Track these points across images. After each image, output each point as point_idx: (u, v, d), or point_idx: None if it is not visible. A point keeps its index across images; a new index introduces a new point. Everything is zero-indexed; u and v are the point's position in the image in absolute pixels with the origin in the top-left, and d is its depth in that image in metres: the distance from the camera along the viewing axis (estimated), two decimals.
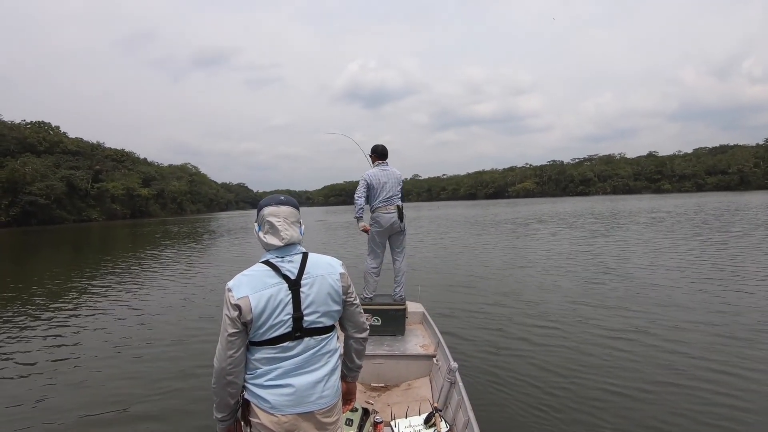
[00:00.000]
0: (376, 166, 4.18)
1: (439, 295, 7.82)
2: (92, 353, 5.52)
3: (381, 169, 4.13)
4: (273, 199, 1.62)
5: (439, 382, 3.16)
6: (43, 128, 65.78)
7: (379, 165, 4.17)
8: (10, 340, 6.14)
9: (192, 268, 12.85)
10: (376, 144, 4.26)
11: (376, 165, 4.18)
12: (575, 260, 11.30)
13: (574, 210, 39.31)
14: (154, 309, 7.80)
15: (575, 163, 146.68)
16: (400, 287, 4.21)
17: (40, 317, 7.39)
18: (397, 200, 4.15)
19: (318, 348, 1.54)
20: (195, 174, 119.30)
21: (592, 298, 7.21)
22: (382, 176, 4.09)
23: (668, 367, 4.37)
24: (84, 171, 62.92)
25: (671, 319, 5.94)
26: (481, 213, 42.12)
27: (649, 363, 4.46)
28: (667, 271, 9.32)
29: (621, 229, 19.18)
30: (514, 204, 70.09)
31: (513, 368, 4.38)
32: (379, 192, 4.08)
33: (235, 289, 1.46)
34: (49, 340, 6.14)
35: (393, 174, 4.16)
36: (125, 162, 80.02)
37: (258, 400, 1.48)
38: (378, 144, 4.25)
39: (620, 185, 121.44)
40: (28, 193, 51.38)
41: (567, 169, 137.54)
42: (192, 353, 5.32)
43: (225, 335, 1.45)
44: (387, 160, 4.25)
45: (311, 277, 1.54)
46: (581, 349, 4.92)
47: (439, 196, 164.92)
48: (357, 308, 1.70)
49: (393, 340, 3.95)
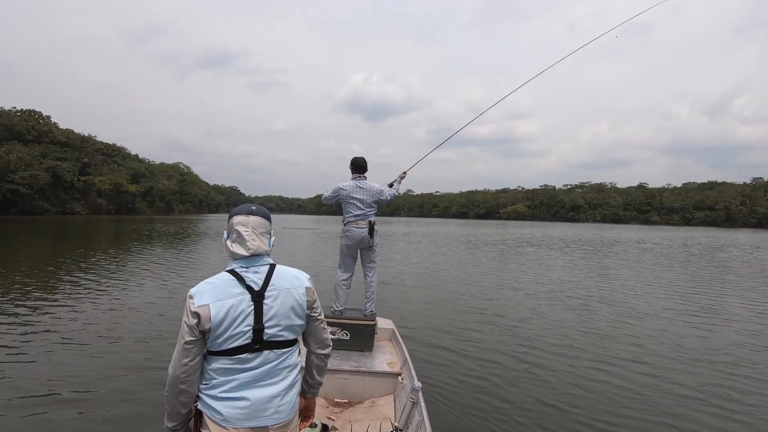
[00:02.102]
0: (353, 179, 4.16)
1: (413, 312, 7.69)
2: (40, 343, 5.43)
3: (356, 184, 4.11)
4: (244, 209, 1.59)
5: (403, 402, 3.07)
6: (33, 117, 64.52)
7: (356, 178, 4.16)
8: None
9: (166, 269, 12.26)
10: (356, 156, 4.21)
11: (354, 178, 4.17)
12: (559, 286, 11.12)
13: (564, 235, 39.26)
14: (120, 306, 7.60)
15: (567, 189, 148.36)
16: (370, 302, 4.18)
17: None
18: (370, 215, 4.12)
19: (277, 362, 1.49)
20: (187, 174, 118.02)
21: (571, 327, 7.06)
22: (356, 191, 4.08)
23: (639, 399, 4.33)
24: (71, 163, 61.65)
25: (649, 351, 5.91)
26: (472, 232, 41.87)
27: (622, 393, 4.46)
28: (648, 302, 9.25)
29: (609, 258, 18.98)
30: (505, 225, 70.24)
31: (479, 393, 4.30)
32: (350, 205, 4.09)
33: (197, 297, 1.42)
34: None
35: (370, 188, 4.12)
36: (115, 157, 78.85)
37: (211, 411, 1.43)
38: (358, 156, 4.21)
39: (610, 214, 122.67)
40: (10, 181, 50.00)
41: (558, 194, 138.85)
42: (151, 355, 5.14)
43: (182, 342, 1.41)
44: (366, 173, 4.21)
45: (276, 290, 1.51)
46: (551, 379, 4.76)
47: (430, 212, 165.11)
48: (321, 324, 1.66)
49: (360, 355, 3.89)
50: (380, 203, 4.22)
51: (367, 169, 4.22)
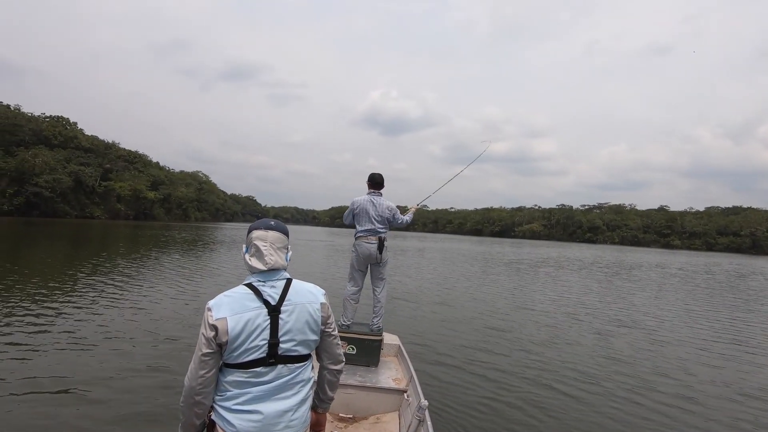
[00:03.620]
0: (369, 194, 4.21)
1: (421, 329, 7.61)
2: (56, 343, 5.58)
3: (370, 199, 4.15)
4: (262, 223, 1.64)
5: (408, 419, 3.04)
6: (60, 123, 66.46)
7: (371, 193, 4.20)
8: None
9: (182, 275, 12.22)
10: (374, 172, 4.27)
11: (369, 193, 4.21)
12: (577, 309, 10.74)
13: (582, 256, 38.21)
14: (135, 310, 7.74)
15: (585, 209, 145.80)
16: (378, 318, 4.19)
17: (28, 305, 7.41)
18: (381, 232, 4.13)
19: (291, 376, 1.52)
20: (205, 182, 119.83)
21: (588, 351, 6.91)
22: (368, 206, 4.12)
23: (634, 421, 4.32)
24: (94, 168, 63.08)
25: (672, 380, 5.74)
26: (486, 250, 41.08)
27: (640, 422, 4.43)
28: (672, 329, 8.86)
29: (630, 282, 18.19)
30: (520, 244, 68.98)
31: (486, 415, 4.26)
32: (363, 220, 4.11)
33: (215, 310, 1.46)
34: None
35: (383, 205, 4.15)
36: (137, 163, 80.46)
37: (224, 423, 1.46)
38: (375, 173, 4.26)
39: (629, 236, 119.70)
40: (34, 184, 51.28)
41: (576, 214, 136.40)
42: (162, 359, 5.22)
43: (199, 354, 1.44)
44: (381, 190, 4.25)
45: (291, 305, 1.53)
46: (565, 405, 4.68)
47: (444, 228, 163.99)
48: (335, 339, 1.67)
49: (366, 371, 3.88)
50: (392, 224, 4.23)
51: (383, 186, 4.26)
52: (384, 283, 4.30)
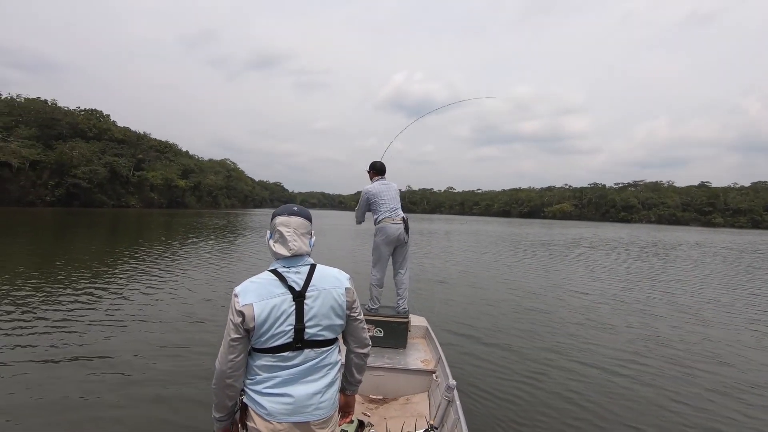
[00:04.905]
0: (375, 181, 4.23)
1: (449, 311, 7.50)
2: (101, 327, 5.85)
3: (381, 184, 4.19)
4: (286, 209, 1.65)
5: (437, 400, 3.06)
6: (95, 116, 68.68)
7: (378, 180, 4.24)
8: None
9: (216, 258, 12.58)
10: (374, 161, 4.30)
11: (375, 180, 4.24)
12: (611, 289, 10.23)
13: (617, 236, 36.72)
14: (175, 291, 8.11)
15: (618, 187, 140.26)
16: (403, 300, 4.19)
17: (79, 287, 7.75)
18: (400, 212, 4.14)
19: (318, 360, 1.55)
20: (233, 170, 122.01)
21: (625, 332, 6.62)
22: (383, 189, 4.14)
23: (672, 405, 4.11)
24: (127, 159, 65.11)
25: (721, 368, 5.29)
26: (515, 231, 40.08)
27: (670, 403, 4.27)
28: (714, 311, 8.20)
29: (669, 261, 17.17)
30: (550, 225, 67.12)
31: (515, 395, 4.21)
32: (382, 203, 4.10)
33: (242, 296, 1.49)
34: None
35: (392, 187, 4.21)
36: (167, 153, 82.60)
37: (256, 405, 1.50)
38: (376, 160, 4.30)
39: (666, 215, 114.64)
40: (73, 176, 53.48)
41: (609, 193, 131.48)
42: (202, 344, 5.33)
43: (228, 339, 1.48)
44: (385, 175, 4.30)
45: (316, 290, 1.55)
46: (602, 385, 4.59)
47: (471, 210, 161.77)
48: (360, 323, 1.69)
49: (394, 353, 3.90)
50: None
51: (385, 171, 4.30)
52: (408, 265, 4.29)
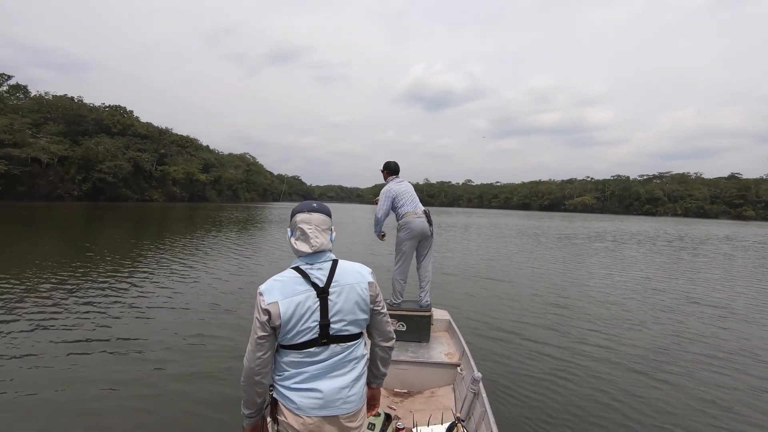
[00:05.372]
0: (390, 180, 4.23)
1: (471, 304, 7.47)
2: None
3: (397, 182, 4.22)
4: (306, 206, 1.66)
5: (463, 392, 3.09)
6: (119, 112, 70.27)
7: (392, 179, 4.24)
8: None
9: (238, 251, 12.81)
10: (388, 161, 4.32)
11: (391, 179, 4.24)
12: (637, 284, 9.90)
13: (641, 230, 35.69)
14: (196, 284, 8.21)
15: (643, 179, 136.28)
16: (425, 293, 4.19)
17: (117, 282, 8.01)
18: (421, 205, 4.15)
19: (344, 355, 1.56)
20: (252, 164, 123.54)
21: (654, 328, 6.41)
22: (400, 186, 4.17)
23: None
24: (150, 154, 66.54)
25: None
26: (536, 224, 39.35)
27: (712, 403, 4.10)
28: (747, 308, 7.85)
29: (698, 256, 16.53)
30: (571, 218, 65.72)
31: (541, 389, 4.16)
32: (403, 200, 4.11)
33: (266, 294, 1.51)
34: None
35: (408, 184, 4.25)
36: (189, 148, 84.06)
37: (285, 400, 1.54)
38: (390, 160, 4.32)
39: (693, 207, 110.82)
40: (99, 171, 54.95)
41: (633, 185, 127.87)
42: (228, 333, 5.50)
43: (255, 337, 1.51)
44: (399, 174, 4.32)
45: (339, 286, 1.57)
46: (623, 380, 4.49)
47: (490, 203, 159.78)
48: (384, 317, 1.70)
49: (417, 346, 3.92)
50: None
51: (399, 171, 4.32)
52: (431, 258, 4.29)
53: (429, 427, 2.66)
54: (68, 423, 3.32)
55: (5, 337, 4.98)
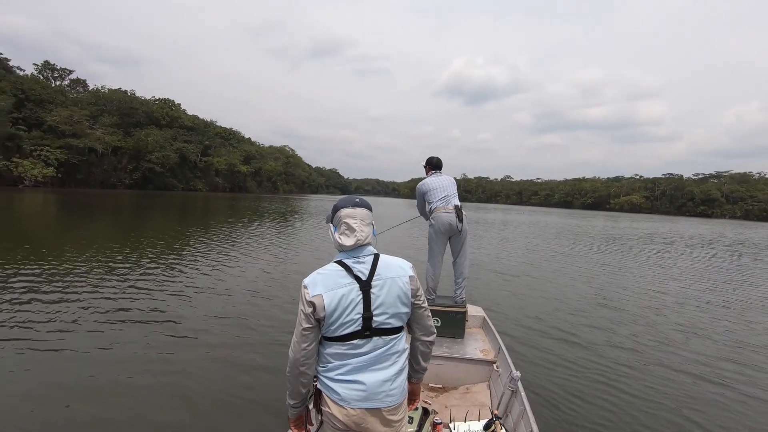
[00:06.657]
0: (430, 175, 4.24)
1: (507, 301, 7.37)
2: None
3: (435, 176, 4.20)
4: (349, 201, 1.67)
5: (499, 390, 3.10)
6: (167, 105, 73.57)
7: (433, 174, 4.25)
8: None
9: (277, 242, 13.11)
10: (431, 156, 4.33)
11: (431, 174, 4.25)
12: (693, 289, 9.29)
13: (697, 233, 33.38)
14: (239, 271, 8.43)
15: (698, 179, 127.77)
16: (461, 290, 4.15)
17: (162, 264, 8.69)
18: (454, 200, 4.09)
19: (386, 348, 1.58)
20: (291, 156, 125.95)
21: (704, 336, 6.04)
22: (436, 181, 4.14)
23: None
24: (195, 145, 69.27)
25: None
26: (579, 223, 37.62)
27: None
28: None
29: (762, 261, 15.05)
30: (617, 218, 62.52)
31: (583, 391, 4.05)
32: (435, 193, 4.10)
33: (311, 287, 1.55)
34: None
35: (447, 178, 4.20)
36: (231, 140, 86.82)
37: (329, 391, 1.57)
38: (433, 156, 4.33)
39: (755, 210, 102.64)
40: (148, 161, 57.83)
41: (686, 184, 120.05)
42: (269, 320, 5.66)
43: (300, 329, 1.55)
44: (441, 170, 4.30)
45: (381, 279, 1.59)
46: (675, 387, 4.29)
47: (530, 200, 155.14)
48: (425, 311, 1.71)
49: (452, 342, 3.90)
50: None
51: (441, 167, 4.30)
52: (466, 255, 4.21)
53: (466, 423, 2.63)
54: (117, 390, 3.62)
55: (71, 314, 5.43)
